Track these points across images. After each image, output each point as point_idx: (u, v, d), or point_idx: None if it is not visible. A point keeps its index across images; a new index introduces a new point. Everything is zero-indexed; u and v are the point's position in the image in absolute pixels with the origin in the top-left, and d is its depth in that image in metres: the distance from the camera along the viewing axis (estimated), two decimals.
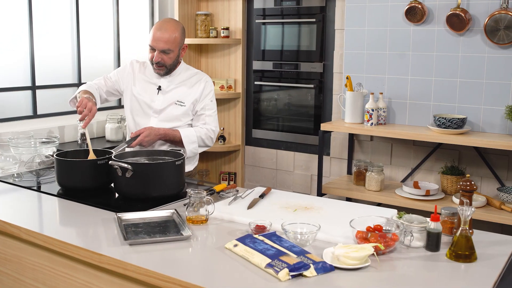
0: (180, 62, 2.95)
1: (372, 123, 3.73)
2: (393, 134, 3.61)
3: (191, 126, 2.95)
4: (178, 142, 2.85)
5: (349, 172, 4.20)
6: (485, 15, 3.42)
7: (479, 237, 1.97)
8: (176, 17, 4.63)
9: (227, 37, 4.64)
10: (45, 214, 2.29)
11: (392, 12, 3.78)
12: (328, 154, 4.33)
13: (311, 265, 1.62)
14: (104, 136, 4.18)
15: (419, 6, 3.60)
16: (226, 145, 4.83)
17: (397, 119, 3.87)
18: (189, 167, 3.02)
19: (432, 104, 3.72)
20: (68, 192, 2.47)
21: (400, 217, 2.09)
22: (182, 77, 2.94)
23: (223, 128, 4.89)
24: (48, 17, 3.99)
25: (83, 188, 2.47)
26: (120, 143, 3.95)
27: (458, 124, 3.42)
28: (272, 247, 1.75)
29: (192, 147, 2.87)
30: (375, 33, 3.87)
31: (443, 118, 3.46)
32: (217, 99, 4.86)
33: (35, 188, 2.58)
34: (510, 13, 3.29)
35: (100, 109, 4.35)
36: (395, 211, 2.22)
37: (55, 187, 2.55)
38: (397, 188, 3.74)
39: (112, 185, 2.52)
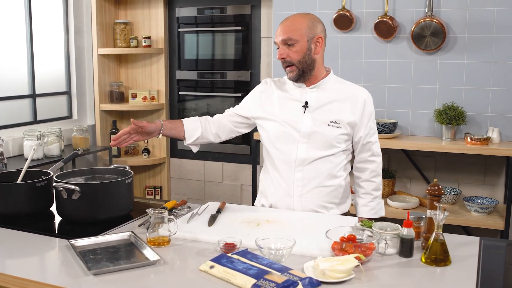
0: (316, 64, 2.30)
1: None
2: None
3: (350, 154, 2.44)
4: None
5: None
6: (411, 23, 3.54)
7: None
8: (94, 26, 4.40)
9: (149, 46, 4.47)
10: None
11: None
12: (258, 163, 4.29)
13: (299, 281, 1.56)
14: (23, 155, 3.84)
15: (347, 14, 3.66)
16: (150, 158, 4.65)
17: None
18: (344, 208, 2.50)
19: None
20: (2, 219, 2.23)
21: (365, 225, 2.08)
22: (334, 90, 2.34)
23: (147, 141, 4.70)
24: None
25: (21, 214, 2.24)
26: (50, 162, 3.65)
27: (390, 128, 3.51)
28: (253, 266, 1.66)
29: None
30: None
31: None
32: (140, 111, 4.71)
33: None
34: (435, 20, 3.43)
35: (14, 125, 4.04)
36: (356, 219, 2.21)
37: None
38: None
39: (52, 208, 2.31)
